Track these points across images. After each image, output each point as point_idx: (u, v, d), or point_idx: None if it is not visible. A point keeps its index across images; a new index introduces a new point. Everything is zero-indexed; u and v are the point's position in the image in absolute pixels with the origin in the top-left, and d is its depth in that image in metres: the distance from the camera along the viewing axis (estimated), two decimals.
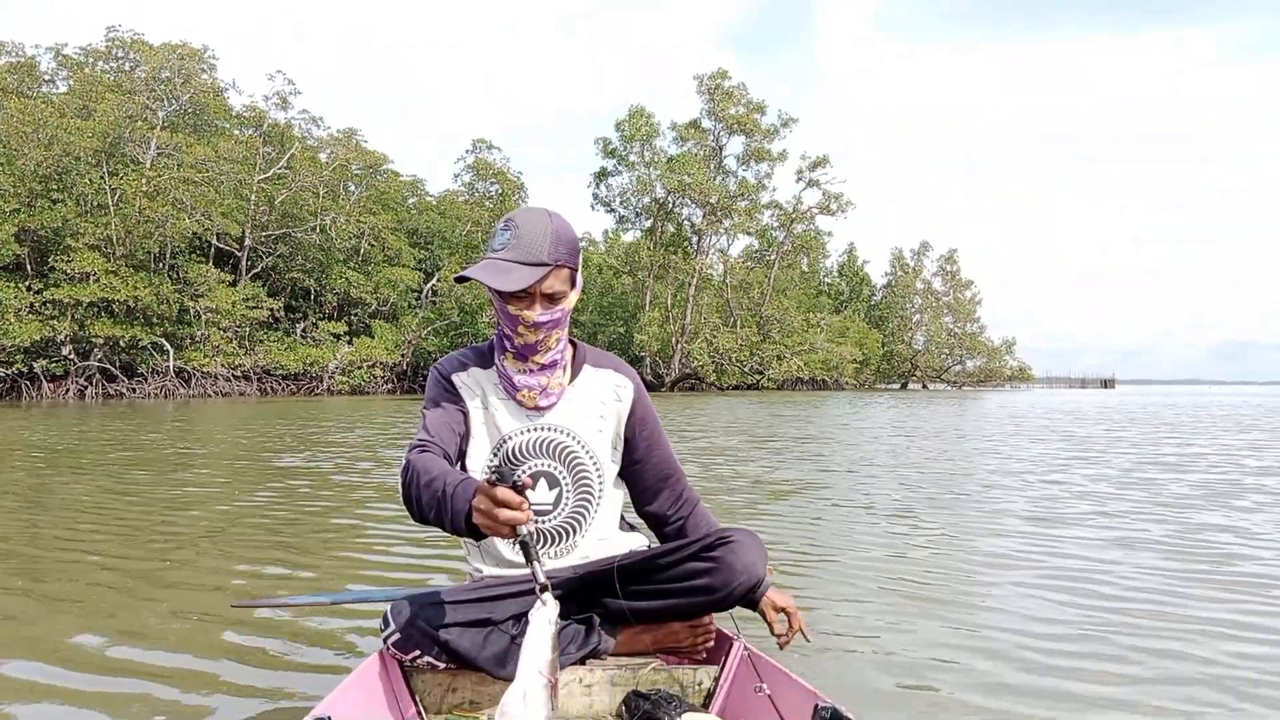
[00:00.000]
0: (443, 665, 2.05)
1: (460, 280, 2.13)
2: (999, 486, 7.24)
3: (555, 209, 2.16)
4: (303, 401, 31.28)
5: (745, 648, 2.11)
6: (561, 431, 2.21)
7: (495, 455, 2.19)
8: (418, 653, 2.03)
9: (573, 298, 2.17)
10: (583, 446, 2.21)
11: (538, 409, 2.19)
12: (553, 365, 2.20)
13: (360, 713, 1.86)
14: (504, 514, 1.69)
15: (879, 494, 6.77)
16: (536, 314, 2.08)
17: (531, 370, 2.18)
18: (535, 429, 2.20)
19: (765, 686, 1.89)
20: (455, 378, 2.22)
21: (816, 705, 1.75)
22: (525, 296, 2.08)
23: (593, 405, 2.24)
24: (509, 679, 2.01)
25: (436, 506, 1.86)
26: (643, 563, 2.16)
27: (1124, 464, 9.12)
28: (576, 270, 2.16)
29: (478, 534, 1.80)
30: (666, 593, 2.14)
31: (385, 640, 2.04)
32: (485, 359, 2.24)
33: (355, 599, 3.06)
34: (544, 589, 1.68)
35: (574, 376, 2.25)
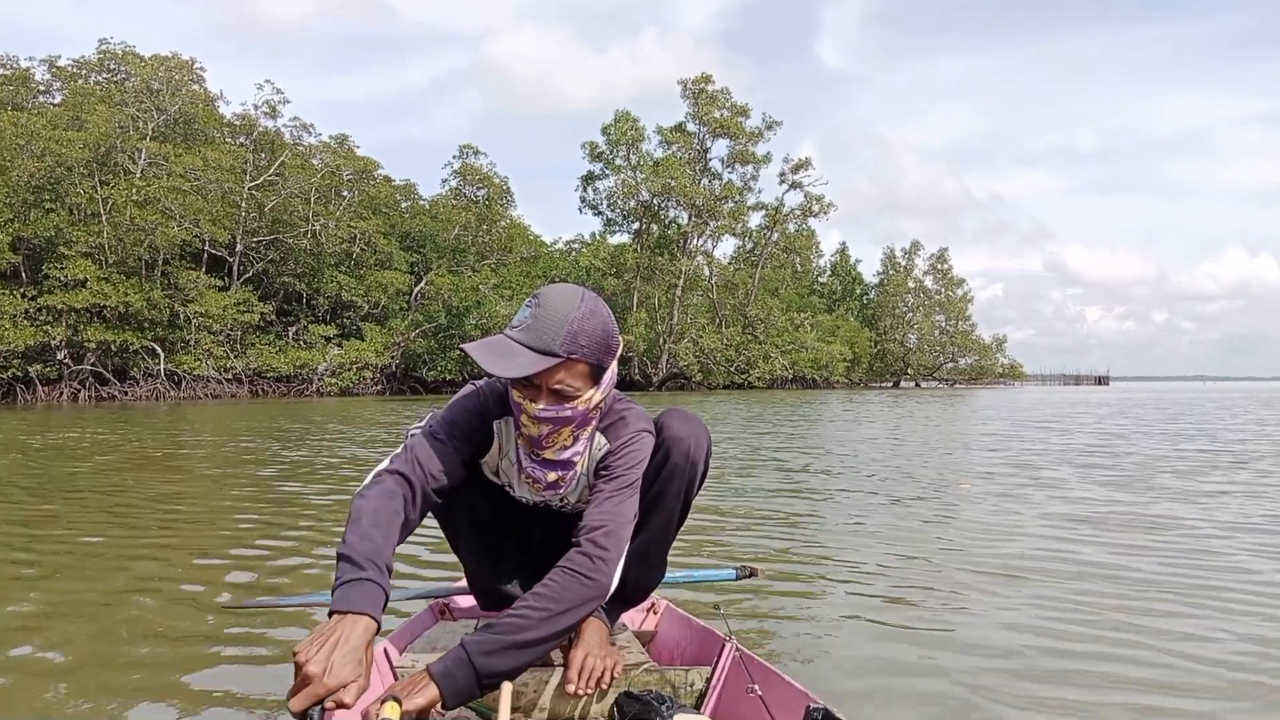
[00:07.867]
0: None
1: (462, 351, 2.05)
2: (994, 488, 7.30)
3: (593, 296, 1.96)
4: (293, 403, 31.14)
5: (737, 648, 2.10)
6: (566, 506, 2.18)
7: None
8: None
9: (594, 397, 1.96)
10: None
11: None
12: (565, 464, 2.05)
13: (358, 712, 1.84)
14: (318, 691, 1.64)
15: (874, 495, 6.82)
16: (538, 408, 1.92)
17: (539, 461, 2.05)
18: (539, 499, 2.16)
19: (757, 687, 1.87)
20: (497, 425, 2.10)
21: (808, 706, 1.75)
22: (530, 385, 1.92)
23: (592, 478, 2.11)
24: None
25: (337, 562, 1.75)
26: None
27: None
28: (603, 368, 1.96)
29: None
30: (650, 507, 2.09)
31: None
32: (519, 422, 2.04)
33: None
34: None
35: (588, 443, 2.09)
